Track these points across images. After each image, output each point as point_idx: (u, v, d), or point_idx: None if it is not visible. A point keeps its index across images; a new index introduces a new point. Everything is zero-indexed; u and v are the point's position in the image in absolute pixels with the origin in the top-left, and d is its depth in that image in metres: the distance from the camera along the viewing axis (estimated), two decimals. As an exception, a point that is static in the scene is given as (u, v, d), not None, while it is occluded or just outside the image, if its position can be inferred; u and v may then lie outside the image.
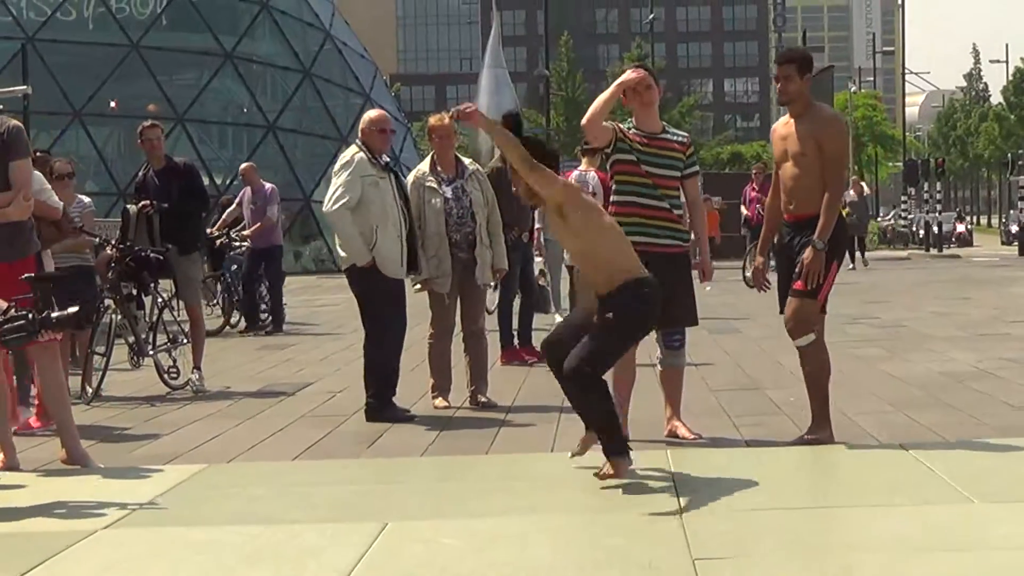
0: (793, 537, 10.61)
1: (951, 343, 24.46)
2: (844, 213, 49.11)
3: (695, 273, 14.89)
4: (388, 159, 17.48)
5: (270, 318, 30.60)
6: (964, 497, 11.89)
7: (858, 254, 55.17)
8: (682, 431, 14.67)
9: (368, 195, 16.48)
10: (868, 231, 64.30)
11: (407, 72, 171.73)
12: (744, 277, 37.52)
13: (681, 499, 11.75)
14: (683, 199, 14.58)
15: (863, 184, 68.19)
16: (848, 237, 54.29)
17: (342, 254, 17.01)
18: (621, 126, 14.64)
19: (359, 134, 17.27)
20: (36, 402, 15.59)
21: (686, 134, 15.10)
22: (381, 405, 16.77)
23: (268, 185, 30.98)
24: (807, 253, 13.52)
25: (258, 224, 29.47)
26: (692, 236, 14.92)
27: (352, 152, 17.00)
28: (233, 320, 30.61)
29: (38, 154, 17.36)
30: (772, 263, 14.68)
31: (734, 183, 59.72)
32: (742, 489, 12.39)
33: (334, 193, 16.70)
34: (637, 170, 14.41)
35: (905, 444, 14.22)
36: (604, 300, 12.34)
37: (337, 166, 17.07)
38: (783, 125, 14.12)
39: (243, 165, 32.48)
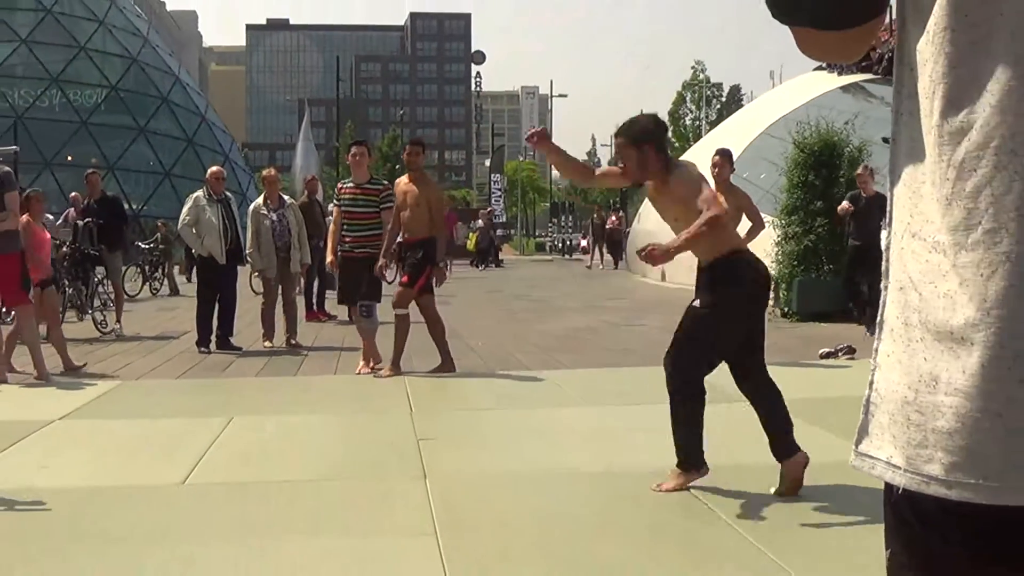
0: (483, 426, 10.65)
1: (574, 312, 24.58)
2: (475, 238, 47.88)
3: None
4: (227, 195, 17.74)
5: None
6: (579, 402, 12.12)
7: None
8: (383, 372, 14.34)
9: (200, 217, 16.71)
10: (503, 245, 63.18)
11: (252, 141, 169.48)
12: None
13: (412, 405, 11.76)
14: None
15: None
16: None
17: (195, 251, 17.31)
18: (340, 184, 15.42)
19: (206, 180, 17.59)
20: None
21: (385, 182, 15.22)
22: (206, 342, 16.84)
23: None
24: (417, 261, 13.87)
25: None
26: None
27: (195, 192, 17.46)
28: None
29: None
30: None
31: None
32: (449, 398, 12.42)
33: (181, 218, 17.21)
34: (344, 213, 14.63)
35: (546, 374, 14.31)
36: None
37: (186, 201, 17.42)
38: (405, 183, 14.14)
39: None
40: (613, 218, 55.77)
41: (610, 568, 6.17)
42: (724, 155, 14.96)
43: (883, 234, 1.81)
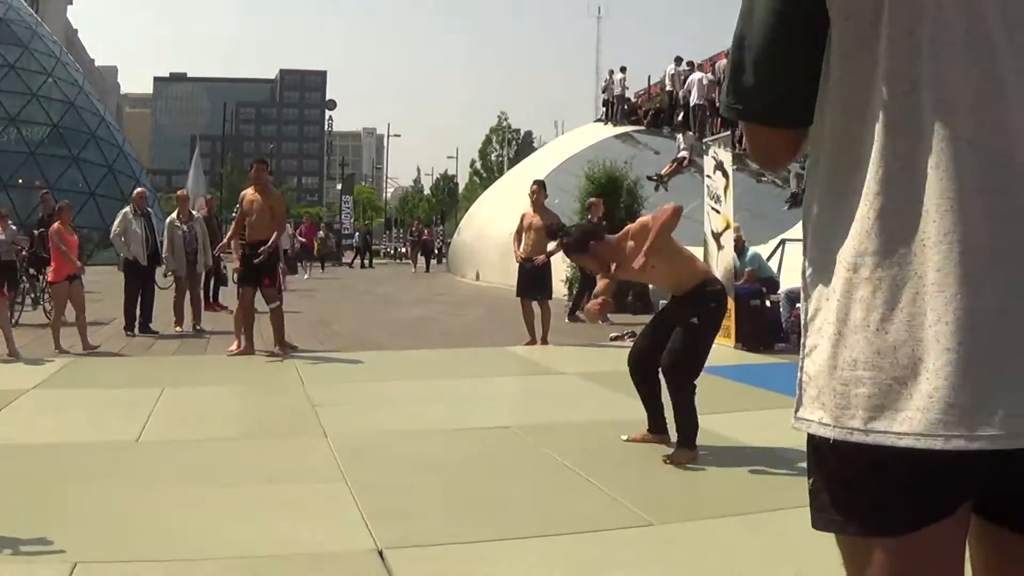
0: (363, 394, 10.51)
1: (412, 304, 24.51)
2: (319, 245, 46.75)
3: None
4: (148, 210, 17.23)
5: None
6: (431, 375, 11.99)
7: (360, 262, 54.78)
8: (286, 347, 13.98)
9: (127, 228, 16.29)
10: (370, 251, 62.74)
11: (155, 168, 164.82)
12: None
13: (302, 378, 11.57)
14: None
15: (364, 226, 67.98)
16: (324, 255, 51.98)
17: (121, 255, 16.67)
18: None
19: (132, 199, 17.15)
20: None
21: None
22: (131, 327, 16.27)
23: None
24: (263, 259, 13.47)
25: None
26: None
27: (124, 209, 16.94)
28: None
29: None
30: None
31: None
32: (331, 372, 12.23)
33: (112, 228, 16.74)
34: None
35: (401, 353, 14.24)
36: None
37: (118, 215, 16.89)
38: (251, 194, 13.69)
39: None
40: (426, 231, 56.64)
41: (491, 498, 6.20)
42: (540, 184, 15.18)
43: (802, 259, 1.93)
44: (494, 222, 32.33)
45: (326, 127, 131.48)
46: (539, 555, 5.14)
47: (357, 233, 59.71)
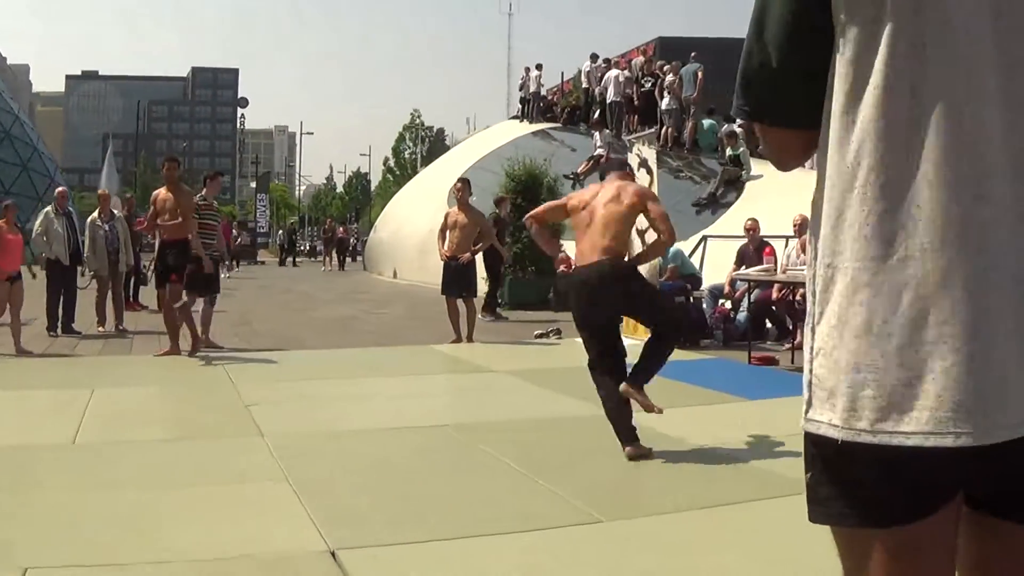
0: (295, 393, 10.37)
1: (334, 303, 24.38)
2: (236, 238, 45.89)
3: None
4: (70, 209, 16.86)
5: None
6: (365, 374, 11.88)
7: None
8: (197, 345, 13.66)
9: (49, 227, 15.87)
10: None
11: (67, 166, 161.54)
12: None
13: (231, 378, 11.41)
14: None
15: (290, 225, 67.38)
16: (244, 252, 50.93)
17: (43, 255, 16.28)
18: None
19: (54, 199, 16.81)
20: None
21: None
22: (54, 327, 15.88)
23: None
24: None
25: None
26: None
27: (45, 208, 16.57)
28: None
29: None
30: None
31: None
32: (260, 372, 12.08)
33: (34, 229, 16.28)
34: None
35: (329, 352, 14.11)
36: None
37: (39, 215, 16.51)
38: (164, 193, 13.41)
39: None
40: (341, 229, 56.05)
41: (437, 497, 6.17)
42: (465, 182, 15.20)
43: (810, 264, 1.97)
44: (411, 220, 32.29)
45: (238, 125, 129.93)
46: (496, 554, 5.13)
47: (281, 231, 59.28)
